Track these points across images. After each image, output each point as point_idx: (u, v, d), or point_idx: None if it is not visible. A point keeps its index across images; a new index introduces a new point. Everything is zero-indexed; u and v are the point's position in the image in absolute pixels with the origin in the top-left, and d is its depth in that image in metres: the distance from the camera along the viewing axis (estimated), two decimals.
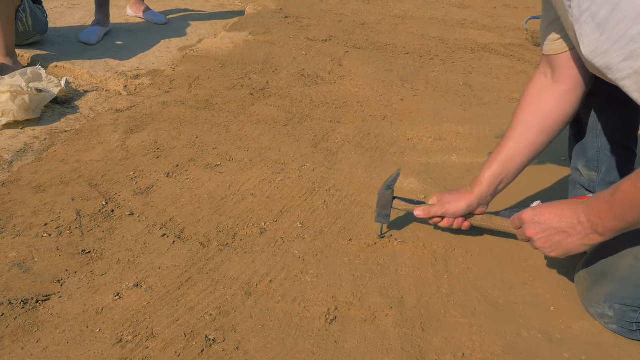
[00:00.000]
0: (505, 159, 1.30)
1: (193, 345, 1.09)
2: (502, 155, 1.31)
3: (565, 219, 1.08)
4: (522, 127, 1.29)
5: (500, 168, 1.30)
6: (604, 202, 1.01)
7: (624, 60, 0.84)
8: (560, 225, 1.08)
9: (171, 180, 1.63)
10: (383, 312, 1.20)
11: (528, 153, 1.29)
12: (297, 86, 2.34)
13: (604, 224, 1.02)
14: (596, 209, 1.03)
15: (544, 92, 1.27)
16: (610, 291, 1.17)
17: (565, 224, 1.08)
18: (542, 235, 1.11)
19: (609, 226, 1.02)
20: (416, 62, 2.70)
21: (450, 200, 1.35)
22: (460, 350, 1.12)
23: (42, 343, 1.08)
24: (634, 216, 0.97)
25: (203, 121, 1.99)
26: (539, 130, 1.27)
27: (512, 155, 1.30)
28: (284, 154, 1.81)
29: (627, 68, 0.85)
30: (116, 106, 2.08)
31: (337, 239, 1.42)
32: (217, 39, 2.84)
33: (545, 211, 1.12)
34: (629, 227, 1.01)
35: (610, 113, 1.30)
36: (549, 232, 1.10)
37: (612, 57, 0.85)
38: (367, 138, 1.95)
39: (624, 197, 0.97)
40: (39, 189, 1.55)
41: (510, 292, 1.28)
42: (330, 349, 1.10)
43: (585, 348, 1.14)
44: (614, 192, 0.99)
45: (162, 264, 1.30)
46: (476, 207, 1.34)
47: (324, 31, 3.06)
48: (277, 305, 1.20)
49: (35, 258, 1.30)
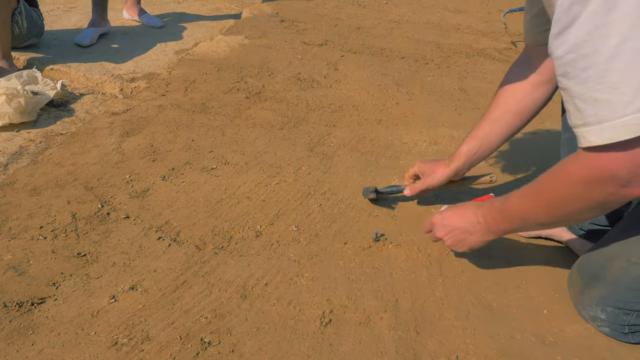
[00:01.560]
0: (483, 136, 1.41)
1: (188, 348, 1.10)
2: (480, 133, 1.41)
3: (467, 219, 1.21)
4: (501, 109, 1.38)
5: (477, 145, 1.41)
6: (496, 208, 1.15)
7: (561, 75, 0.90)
8: (464, 225, 1.22)
9: (167, 184, 1.64)
10: (378, 315, 1.21)
11: (504, 133, 1.39)
12: (292, 90, 2.35)
13: (497, 226, 1.16)
14: (490, 213, 1.16)
15: (523, 78, 1.35)
16: (602, 294, 1.18)
17: (468, 224, 1.21)
18: (450, 235, 1.24)
19: (500, 228, 1.16)
20: (411, 67, 2.72)
21: (431, 174, 1.47)
22: (454, 353, 1.13)
23: (37, 346, 1.08)
24: (519, 223, 1.12)
25: (199, 124, 1.99)
26: (515, 114, 1.36)
27: (489, 133, 1.40)
28: (279, 157, 1.82)
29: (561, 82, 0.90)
30: (112, 109, 2.08)
31: (332, 243, 1.43)
32: (213, 42, 2.84)
33: (450, 214, 1.25)
34: (517, 230, 1.20)
35: None
36: (454, 232, 1.23)
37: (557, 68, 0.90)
38: (363, 142, 1.96)
39: (510, 208, 1.11)
40: (35, 192, 1.55)
41: (503, 295, 1.29)
42: (325, 351, 1.11)
43: (578, 351, 1.15)
44: (504, 201, 1.13)
45: (157, 267, 1.31)
46: (452, 178, 1.48)
47: (320, 35, 3.07)
48: (272, 308, 1.21)
49: (31, 261, 1.30)
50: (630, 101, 0.79)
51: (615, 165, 0.85)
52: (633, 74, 0.77)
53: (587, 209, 0.96)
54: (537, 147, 2.00)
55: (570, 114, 0.90)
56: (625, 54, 0.77)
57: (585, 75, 0.82)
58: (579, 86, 0.84)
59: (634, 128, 0.80)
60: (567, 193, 0.95)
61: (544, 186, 1.01)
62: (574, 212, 0.98)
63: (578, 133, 0.89)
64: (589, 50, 0.80)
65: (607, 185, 0.88)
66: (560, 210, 1.00)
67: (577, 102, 0.86)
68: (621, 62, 0.77)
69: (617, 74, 0.78)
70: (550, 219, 1.04)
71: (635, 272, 1.12)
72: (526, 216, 1.08)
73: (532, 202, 1.05)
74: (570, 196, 0.95)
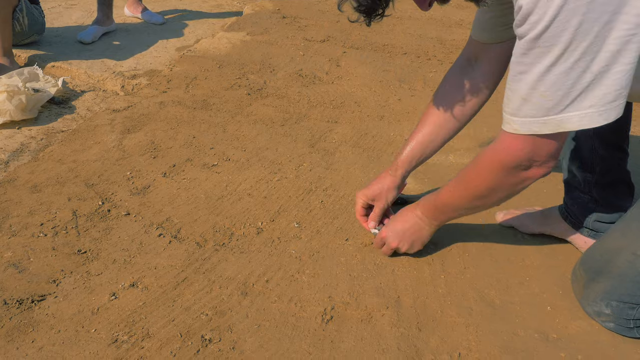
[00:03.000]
0: (427, 142, 1.39)
1: (189, 345, 1.09)
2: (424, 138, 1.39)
3: (410, 221, 1.31)
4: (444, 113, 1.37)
5: (419, 151, 1.40)
6: (431, 203, 1.27)
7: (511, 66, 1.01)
8: (410, 226, 1.31)
9: (168, 180, 1.63)
10: (379, 312, 1.20)
11: (447, 137, 1.40)
12: (294, 86, 2.34)
13: (435, 217, 1.28)
14: (426, 207, 1.28)
15: (466, 78, 1.34)
16: (607, 288, 1.17)
17: (412, 224, 1.31)
18: (403, 240, 1.32)
19: (439, 219, 1.28)
20: (414, 63, 2.70)
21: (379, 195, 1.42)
22: (457, 350, 1.12)
23: (37, 343, 1.08)
24: (453, 212, 1.25)
25: (200, 121, 1.98)
26: (458, 120, 1.37)
27: (432, 138, 1.39)
28: (281, 153, 1.81)
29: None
30: (113, 106, 2.08)
31: (333, 239, 1.42)
32: (215, 39, 2.84)
33: (394, 223, 1.34)
34: (454, 217, 1.28)
35: None
36: (405, 235, 1.31)
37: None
38: (365, 138, 1.95)
39: (442, 201, 1.24)
40: (35, 189, 1.55)
41: (506, 291, 1.28)
42: (327, 349, 1.10)
43: (582, 347, 1.14)
44: (436, 196, 1.25)
45: (158, 264, 1.30)
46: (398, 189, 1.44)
47: (322, 31, 3.06)
48: (273, 305, 1.20)
49: (31, 258, 1.30)
50: (552, 107, 0.94)
51: (522, 153, 1.02)
52: (558, 87, 0.92)
53: (506, 193, 1.13)
54: None
55: (505, 99, 1.03)
56: (555, 73, 0.91)
57: (521, 77, 0.96)
58: (514, 83, 0.98)
59: (551, 126, 0.96)
60: (490, 181, 1.11)
61: (469, 177, 1.16)
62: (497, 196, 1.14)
63: (506, 117, 1.03)
64: (528, 61, 0.93)
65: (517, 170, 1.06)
66: (485, 197, 1.16)
67: (508, 92, 1.01)
68: (550, 78, 0.92)
69: (546, 86, 0.93)
70: (479, 204, 1.19)
71: None
72: (457, 206, 1.22)
73: (461, 193, 1.20)
74: (492, 183, 1.11)
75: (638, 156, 1.83)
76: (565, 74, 0.90)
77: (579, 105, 0.93)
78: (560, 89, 0.92)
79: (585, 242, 1.39)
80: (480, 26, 1.29)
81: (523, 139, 1.01)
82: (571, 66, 0.89)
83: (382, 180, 1.42)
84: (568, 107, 0.93)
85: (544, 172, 1.06)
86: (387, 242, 1.33)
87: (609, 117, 0.93)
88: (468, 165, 1.17)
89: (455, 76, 1.36)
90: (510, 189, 1.12)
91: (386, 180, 1.42)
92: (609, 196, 1.36)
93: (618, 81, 0.89)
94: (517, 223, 1.48)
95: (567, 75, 0.90)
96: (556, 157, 1.04)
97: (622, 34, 0.85)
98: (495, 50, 1.29)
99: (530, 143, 1.01)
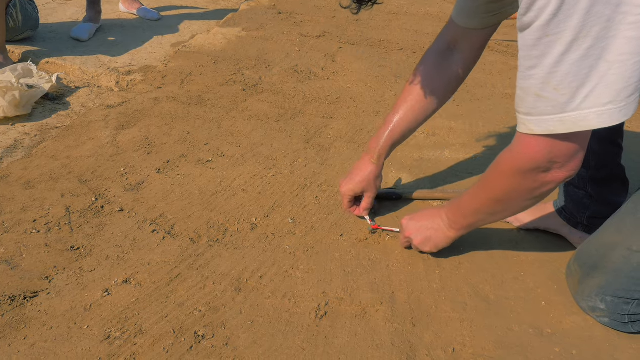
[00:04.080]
0: (404, 127, 1.40)
1: (182, 341, 1.09)
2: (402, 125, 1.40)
3: (432, 218, 1.28)
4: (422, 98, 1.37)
5: (399, 136, 1.41)
6: (455, 205, 1.23)
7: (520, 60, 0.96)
8: (429, 223, 1.28)
9: (162, 176, 1.62)
10: (374, 308, 1.19)
11: (423, 120, 1.41)
12: (290, 82, 2.33)
13: (456, 221, 1.23)
14: (451, 210, 1.24)
15: (444, 63, 1.35)
16: (602, 284, 1.17)
17: (432, 222, 1.27)
18: (417, 233, 1.29)
19: (459, 223, 1.23)
20: (410, 58, 2.70)
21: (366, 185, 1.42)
22: (451, 345, 1.12)
23: (29, 340, 1.07)
24: (474, 216, 1.19)
25: (195, 117, 1.98)
26: (437, 101, 1.38)
27: (409, 123, 1.40)
28: (275, 149, 1.80)
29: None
30: (107, 102, 2.06)
31: (328, 235, 1.42)
32: (210, 35, 2.82)
33: (418, 215, 1.32)
34: (475, 223, 1.22)
35: None
36: (421, 230, 1.28)
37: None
38: (360, 134, 1.95)
39: (465, 203, 1.20)
40: (29, 185, 1.54)
41: (501, 287, 1.28)
42: (321, 344, 1.10)
43: (576, 342, 1.14)
44: (460, 197, 1.21)
45: (151, 260, 1.29)
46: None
47: (318, 27, 3.05)
48: (267, 301, 1.20)
49: (24, 254, 1.29)
50: (568, 102, 0.89)
51: (540, 154, 0.97)
52: (572, 78, 0.86)
53: (526, 198, 1.07)
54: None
55: (517, 100, 0.98)
56: (568, 62, 0.86)
57: (531, 72, 0.91)
58: (525, 80, 0.93)
59: (568, 125, 0.91)
60: (507, 184, 1.06)
61: (488, 181, 1.11)
62: (517, 200, 1.09)
63: (520, 118, 0.98)
64: (537, 53, 0.88)
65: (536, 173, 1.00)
66: (504, 202, 1.10)
67: (519, 92, 0.96)
68: (563, 68, 0.86)
69: (559, 78, 0.87)
70: (499, 210, 1.14)
71: (637, 260, 1.11)
72: (478, 209, 1.17)
73: (480, 197, 1.15)
74: (510, 187, 1.06)
75: (632, 151, 1.83)
76: (578, 63, 0.85)
77: (597, 101, 0.87)
78: (574, 80, 0.86)
79: (580, 237, 1.39)
80: (465, 12, 1.28)
81: (540, 139, 0.95)
82: (584, 53, 0.84)
83: (364, 169, 1.42)
84: (584, 102, 0.87)
85: (566, 175, 0.99)
86: (404, 229, 1.32)
87: (628, 113, 0.88)
88: (490, 166, 1.11)
89: (434, 60, 1.37)
90: (529, 193, 1.05)
91: (369, 169, 1.42)
92: (603, 192, 1.35)
93: (637, 72, 0.84)
94: (512, 218, 1.48)
95: (581, 63, 0.85)
96: (579, 158, 0.97)
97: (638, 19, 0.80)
98: (478, 35, 1.29)
99: (547, 144, 0.95)
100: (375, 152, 1.41)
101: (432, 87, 1.36)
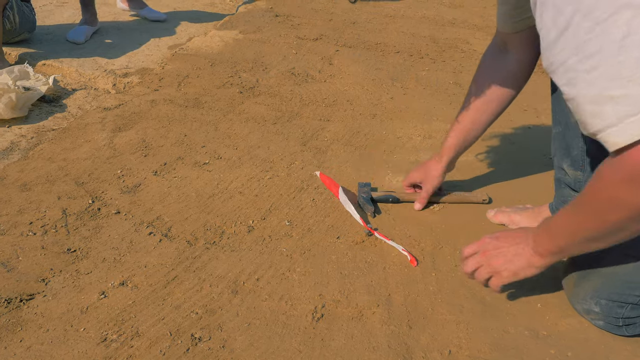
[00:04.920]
0: (468, 127, 1.44)
1: (178, 343, 1.09)
2: (464, 125, 1.44)
3: (517, 238, 1.11)
4: (482, 98, 1.40)
5: (463, 137, 1.46)
6: (544, 225, 1.07)
7: (565, 84, 0.86)
8: (512, 245, 1.11)
9: (159, 179, 1.62)
10: (370, 310, 1.20)
11: (487, 121, 1.43)
12: (287, 84, 2.34)
13: (543, 245, 1.06)
14: (539, 232, 1.07)
15: (500, 65, 1.38)
16: (597, 287, 1.17)
17: (515, 244, 1.11)
18: (496, 255, 1.12)
19: (546, 247, 1.05)
20: (406, 61, 2.71)
21: (428, 178, 1.52)
22: (447, 347, 1.12)
23: (25, 342, 1.07)
24: (565, 239, 1.01)
25: (192, 119, 1.98)
26: (498, 102, 1.40)
27: (472, 123, 1.44)
28: (272, 152, 1.81)
29: (567, 92, 0.86)
30: (104, 104, 2.06)
31: (325, 237, 1.42)
32: (207, 37, 2.83)
33: (503, 234, 1.15)
34: (565, 250, 1.04)
35: None
36: (501, 250, 1.12)
37: (558, 78, 0.87)
38: (357, 136, 1.95)
39: (556, 222, 1.03)
40: (25, 188, 1.54)
41: None
42: (317, 347, 1.10)
43: (572, 344, 1.14)
44: (552, 217, 1.06)
45: (148, 262, 1.29)
46: (445, 174, 1.52)
47: (315, 30, 3.06)
48: (263, 303, 1.20)
49: (20, 257, 1.29)
50: None
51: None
52: None
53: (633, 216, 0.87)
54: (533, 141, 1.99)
55: (586, 124, 0.84)
56: (632, 45, 0.74)
57: (593, 75, 0.78)
58: (589, 88, 0.80)
59: None
60: (608, 198, 0.87)
61: (586, 195, 0.93)
62: (621, 221, 0.89)
63: (601, 139, 0.83)
64: (594, 49, 0.77)
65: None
66: (606, 220, 0.91)
67: (589, 107, 0.82)
68: (630, 54, 0.74)
69: (628, 66, 0.75)
70: (597, 230, 0.94)
71: (632, 264, 1.11)
72: (572, 230, 0.99)
73: (576, 214, 0.97)
74: (611, 201, 0.87)
75: None
76: None
77: None
78: None
79: None
80: (499, 17, 1.33)
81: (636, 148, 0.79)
82: None
83: (428, 164, 1.53)
84: None
85: None
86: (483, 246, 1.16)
87: None
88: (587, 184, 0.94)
89: (490, 62, 1.41)
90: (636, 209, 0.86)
91: (432, 166, 1.51)
92: None
93: None
94: (508, 221, 1.49)
95: None
96: None
97: None
98: (521, 36, 1.31)
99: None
100: (440, 152, 1.50)
101: (490, 88, 1.39)
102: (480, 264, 1.15)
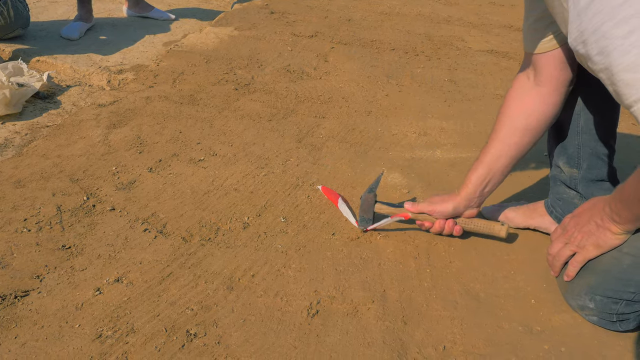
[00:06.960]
0: (491, 160, 1.32)
1: (174, 340, 1.09)
2: (487, 157, 1.32)
3: (595, 211, 1.09)
4: (507, 128, 1.30)
5: (486, 170, 1.32)
6: (619, 191, 1.03)
7: (597, 54, 0.83)
8: (592, 218, 1.10)
9: (154, 175, 1.62)
10: (365, 306, 1.20)
11: (513, 154, 1.31)
12: (282, 81, 2.33)
13: (619, 212, 1.03)
14: (615, 197, 1.04)
15: (527, 93, 1.29)
16: (592, 283, 1.18)
17: (595, 215, 1.09)
18: (576, 230, 1.11)
19: (623, 215, 1.02)
20: (402, 58, 2.71)
21: (438, 201, 1.36)
22: (442, 343, 1.13)
23: (20, 339, 1.07)
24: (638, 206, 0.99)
25: (187, 116, 1.97)
26: (523, 131, 1.29)
27: (497, 157, 1.31)
28: (268, 148, 1.81)
29: (600, 62, 0.84)
30: (99, 101, 2.06)
31: (320, 233, 1.42)
32: (202, 34, 2.82)
33: (580, 210, 1.14)
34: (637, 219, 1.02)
35: (591, 110, 1.31)
36: (581, 223, 1.11)
37: (590, 48, 0.84)
38: (352, 133, 1.95)
39: (629, 192, 1.00)
40: (19, 184, 1.53)
41: (491, 285, 1.29)
42: (312, 342, 1.10)
43: (565, 339, 1.15)
44: (623, 186, 1.01)
45: (143, 259, 1.29)
46: (463, 209, 1.36)
47: (310, 27, 3.05)
48: (259, 299, 1.20)
49: (14, 253, 1.29)
50: None
51: None
52: None
53: None
54: None
55: (620, 95, 0.81)
56: None
57: (630, 41, 0.74)
58: (625, 56, 0.76)
59: None
60: None
61: None
62: None
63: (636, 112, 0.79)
64: (631, 11, 0.72)
65: None
66: None
67: (624, 76, 0.78)
68: None
69: None
70: None
71: (626, 261, 1.12)
72: None
73: None
74: None
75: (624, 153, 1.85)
76: None
77: None
78: None
79: None
80: (525, 36, 1.26)
81: None
82: None
83: (449, 195, 1.37)
84: None
85: None
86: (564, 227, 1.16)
87: None
88: None
89: (516, 85, 1.32)
90: None
91: (449, 197, 1.36)
92: (594, 192, 1.37)
93: None
94: (503, 217, 1.49)
95: None
96: None
97: None
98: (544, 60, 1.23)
99: None
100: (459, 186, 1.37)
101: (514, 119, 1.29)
102: (564, 243, 1.14)
